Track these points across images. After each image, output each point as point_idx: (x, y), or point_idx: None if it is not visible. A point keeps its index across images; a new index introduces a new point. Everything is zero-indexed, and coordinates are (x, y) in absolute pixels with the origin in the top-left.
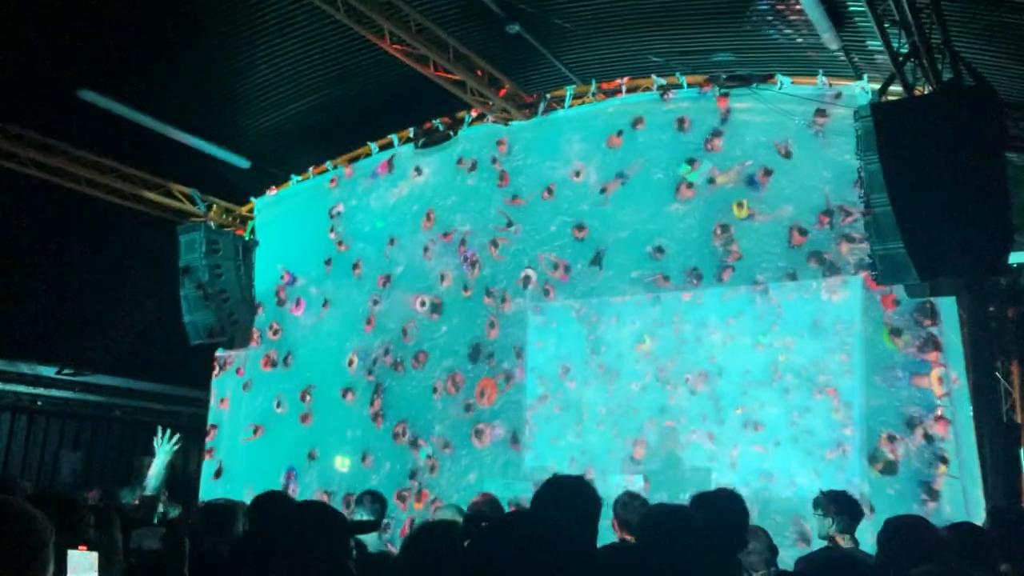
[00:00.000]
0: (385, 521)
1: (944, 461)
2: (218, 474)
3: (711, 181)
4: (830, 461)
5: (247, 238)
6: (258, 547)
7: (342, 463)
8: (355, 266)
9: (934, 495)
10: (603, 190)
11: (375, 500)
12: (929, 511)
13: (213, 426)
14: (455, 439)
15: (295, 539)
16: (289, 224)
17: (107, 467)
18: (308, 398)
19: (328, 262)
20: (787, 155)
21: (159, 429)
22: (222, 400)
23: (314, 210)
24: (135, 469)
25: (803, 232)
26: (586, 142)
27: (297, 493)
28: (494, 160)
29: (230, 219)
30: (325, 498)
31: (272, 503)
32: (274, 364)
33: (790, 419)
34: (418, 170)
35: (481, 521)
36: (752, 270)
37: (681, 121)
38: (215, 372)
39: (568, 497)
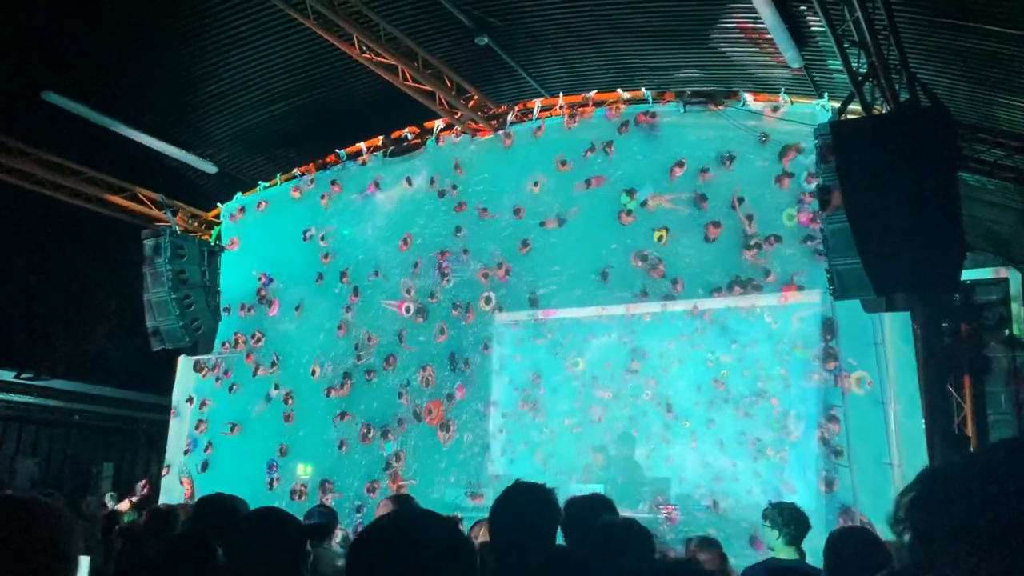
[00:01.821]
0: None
1: (837, 453)
2: (204, 467)
3: (644, 204)
4: (771, 463)
5: (213, 243)
6: (201, 549)
7: (304, 470)
8: (343, 274)
9: (831, 484)
10: (548, 218)
11: (324, 512)
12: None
13: (201, 422)
14: (421, 435)
15: (250, 544)
16: (269, 230)
17: (65, 473)
18: (291, 400)
19: (319, 277)
20: (720, 172)
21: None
22: (202, 402)
23: (295, 217)
24: (94, 476)
25: (717, 225)
26: (539, 165)
27: (280, 482)
28: (454, 186)
29: (196, 224)
30: (303, 488)
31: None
32: (259, 368)
33: (736, 427)
34: (392, 189)
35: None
36: (694, 287)
37: (627, 146)
38: (203, 373)
39: (527, 503)
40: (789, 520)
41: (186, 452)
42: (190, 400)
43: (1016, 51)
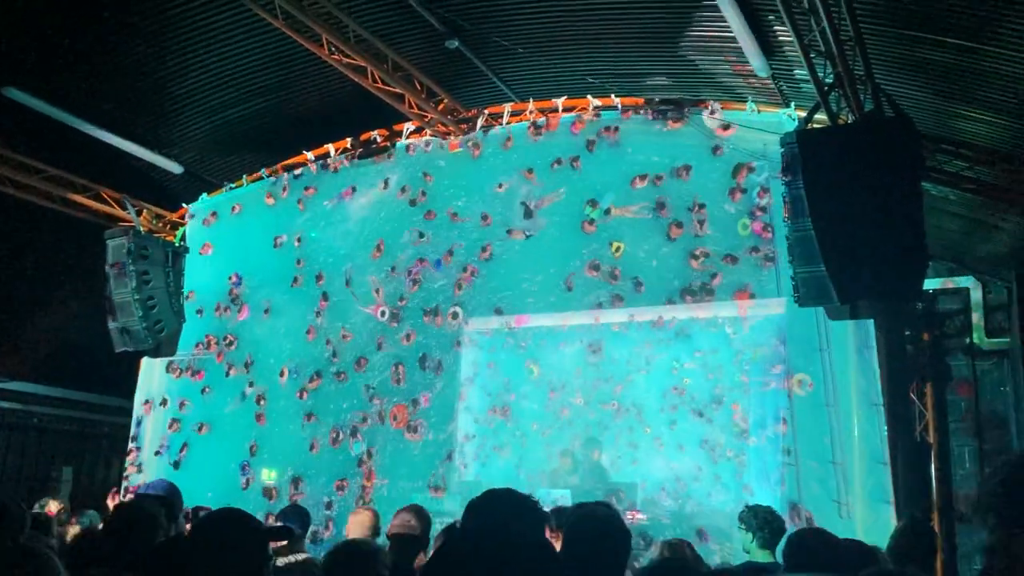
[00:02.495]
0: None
1: (787, 453)
2: (177, 465)
3: (607, 213)
4: (732, 466)
5: (177, 244)
6: (174, 553)
7: (269, 475)
8: (316, 279)
9: (780, 482)
10: (515, 227)
11: (298, 514)
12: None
13: (175, 420)
14: (391, 436)
15: (212, 546)
16: (242, 234)
17: (23, 477)
18: (263, 401)
19: (294, 280)
20: (680, 182)
21: None
22: (181, 403)
23: (268, 221)
24: (52, 480)
25: (679, 225)
26: (507, 175)
27: (254, 481)
28: (423, 192)
29: (160, 225)
30: (274, 490)
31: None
32: (232, 369)
33: (699, 431)
34: (365, 195)
35: None
36: (654, 292)
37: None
38: (176, 374)
39: (499, 507)
40: (763, 523)
41: (158, 453)
42: (164, 402)
43: (976, 64)
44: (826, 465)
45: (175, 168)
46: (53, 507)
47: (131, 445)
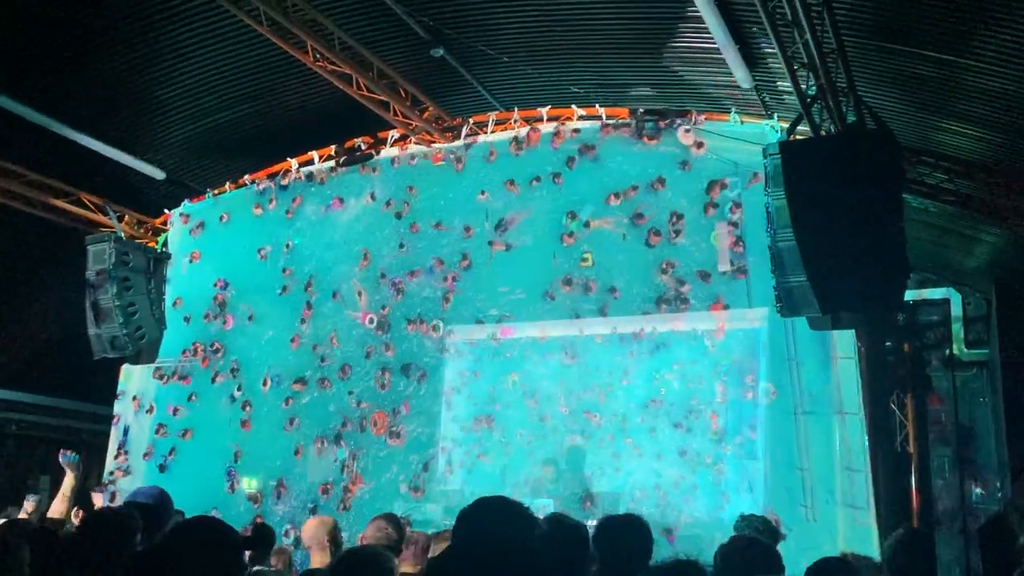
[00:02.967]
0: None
1: (756, 459)
2: (163, 469)
3: (586, 225)
4: (710, 474)
5: (159, 250)
6: (147, 561)
7: (249, 484)
8: (304, 288)
9: (752, 488)
10: (497, 239)
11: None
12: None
13: (161, 425)
14: (374, 441)
15: (186, 555)
16: (229, 243)
17: None
18: (248, 407)
19: (283, 289)
20: (658, 193)
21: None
22: (175, 409)
23: (255, 231)
24: (29, 488)
25: (657, 233)
26: (490, 188)
27: (240, 486)
28: (406, 203)
29: (142, 231)
30: (259, 494)
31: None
32: (218, 376)
33: (678, 441)
34: (351, 206)
35: None
36: (629, 301)
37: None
38: (162, 381)
39: (490, 516)
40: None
41: (145, 456)
42: (151, 409)
43: (957, 77)
44: (793, 471)
45: (157, 174)
46: (29, 507)
47: (118, 450)
